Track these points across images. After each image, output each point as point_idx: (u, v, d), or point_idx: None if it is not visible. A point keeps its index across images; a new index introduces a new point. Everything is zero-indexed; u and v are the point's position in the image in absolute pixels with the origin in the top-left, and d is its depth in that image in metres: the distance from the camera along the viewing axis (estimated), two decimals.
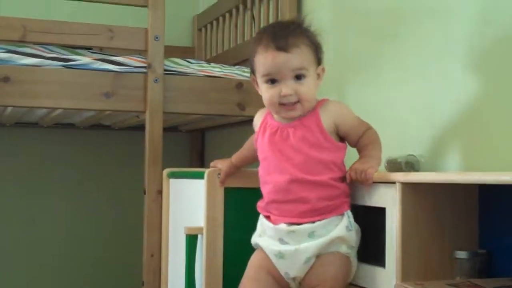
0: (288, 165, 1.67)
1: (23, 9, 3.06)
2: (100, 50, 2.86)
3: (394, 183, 1.56)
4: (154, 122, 2.54)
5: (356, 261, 1.70)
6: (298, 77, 1.66)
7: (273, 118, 1.76)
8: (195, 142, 3.78)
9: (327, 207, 1.66)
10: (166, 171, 2.44)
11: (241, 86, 2.67)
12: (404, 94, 2.08)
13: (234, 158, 2.04)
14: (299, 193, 1.66)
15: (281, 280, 1.71)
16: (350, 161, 1.73)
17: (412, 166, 1.89)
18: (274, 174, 1.70)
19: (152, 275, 2.50)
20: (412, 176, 1.56)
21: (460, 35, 1.84)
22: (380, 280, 1.63)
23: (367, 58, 2.28)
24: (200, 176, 2.08)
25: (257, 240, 1.77)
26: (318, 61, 1.72)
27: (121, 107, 2.54)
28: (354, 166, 1.68)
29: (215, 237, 2.04)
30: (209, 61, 3.20)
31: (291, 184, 1.66)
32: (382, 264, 1.62)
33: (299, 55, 1.66)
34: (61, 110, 2.68)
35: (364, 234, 1.72)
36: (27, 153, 3.52)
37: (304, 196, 1.66)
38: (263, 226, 1.75)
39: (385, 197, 1.61)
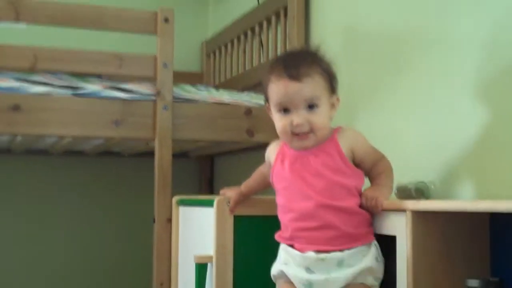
0: (311, 191, 1.66)
1: (33, 38, 3.08)
2: (109, 77, 2.87)
3: (405, 211, 1.55)
4: (163, 150, 2.54)
5: None
6: (311, 107, 1.65)
7: (290, 148, 1.76)
8: (205, 168, 3.78)
9: (354, 235, 1.64)
10: (176, 199, 2.44)
11: (250, 113, 2.67)
12: (414, 122, 2.07)
13: (243, 187, 2.04)
14: (325, 219, 1.64)
15: None
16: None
17: (422, 193, 1.88)
18: (299, 201, 1.68)
19: None
20: (423, 204, 1.55)
21: (469, 64, 1.84)
22: None
23: (377, 86, 2.28)
24: (210, 204, 2.07)
25: (282, 268, 1.71)
26: (332, 90, 1.71)
27: (130, 135, 2.55)
28: (365, 193, 1.68)
29: (225, 266, 2.03)
30: (218, 87, 3.21)
31: (317, 210, 1.64)
32: None
33: (312, 84, 1.65)
34: (71, 138, 2.69)
35: None
36: (37, 181, 3.54)
37: (331, 222, 1.64)
38: (289, 254, 1.70)
39: (396, 225, 1.60)
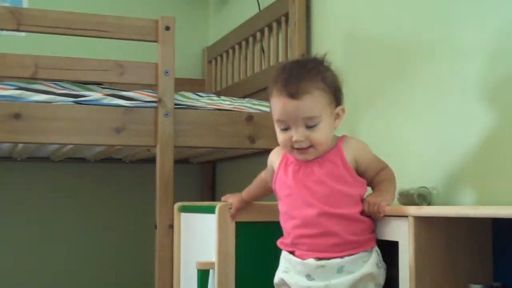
0: (314, 199, 1.66)
1: (34, 46, 3.09)
2: (111, 85, 2.88)
3: (407, 217, 1.55)
4: (165, 157, 2.54)
5: None
6: (310, 125, 1.65)
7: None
8: (206, 174, 3.78)
9: (355, 242, 1.65)
10: (177, 205, 2.44)
11: (251, 119, 2.67)
12: (416, 127, 2.07)
13: (245, 194, 2.04)
14: (328, 227, 1.64)
15: None
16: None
17: (425, 198, 1.88)
18: (301, 209, 1.68)
19: None
20: (425, 210, 1.55)
21: (472, 71, 1.84)
22: None
23: (378, 92, 2.28)
24: (212, 211, 2.07)
25: (283, 276, 1.72)
26: (337, 101, 1.70)
27: (132, 142, 2.55)
28: (368, 199, 1.68)
29: (227, 272, 2.03)
30: (219, 94, 3.21)
31: (320, 218, 1.65)
32: None
33: (310, 103, 1.63)
34: (72, 145, 2.69)
35: None
36: (39, 187, 3.54)
37: (332, 229, 1.64)
38: (289, 262, 1.71)
39: (398, 231, 1.60)
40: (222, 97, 2.88)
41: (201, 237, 2.22)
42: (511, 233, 1.57)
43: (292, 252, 1.71)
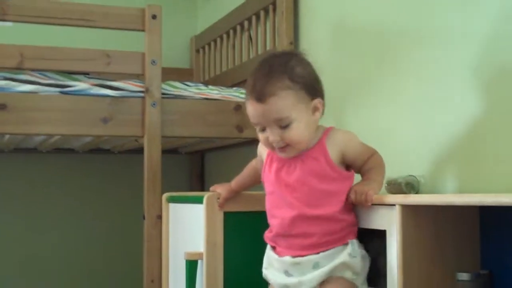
0: (294, 200, 1.66)
1: (20, 36, 3.06)
2: (97, 75, 2.86)
3: (394, 205, 1.55)
4: (153, 147, 2.53)
5: None
6: (282, 126, 1.63)
7: None
8: (195, 164, 3.77)
9: (331, 241, 1.66)
10: (166, 196, 2.43)
11: (239, 108, 2.66)
12: (403, 116, 2.07)
13: (234, 183, 2.03)
14: (304, 229, 1.65)
15: None
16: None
17: (412, 187, 1.88)
18: (282, 208, 1.69)
19: None
20: (412, 198, 1.55)
21: (459, 59, 1.84)
22: None
23: (366, 81, 2.27)
24: (200, 201, 2.07)
25: (265, 273, 1.76)
26: (313, 95, 1.66)
27: (119, 132, 2.54)
28: (355, 188, 1.67)
29: (215, 262, 2.03)
30: (208, 83, 3.20)
31: (298, 220, 1.66)
32: (383, 287, 1.60)
33: (277, 105, 1.61)
34: (60, 136, 2.68)
35: None
36: (26, 178, 3.52)
37: (309, 231, 1.65)
38: (269, 258, 1.75)
39: (385, 219, 1.60)
40: (210, 87, 2.87)
41: (190, 228, 2.21)
42: (498, 221, 1.57)
43: (274, 248, 1.74)
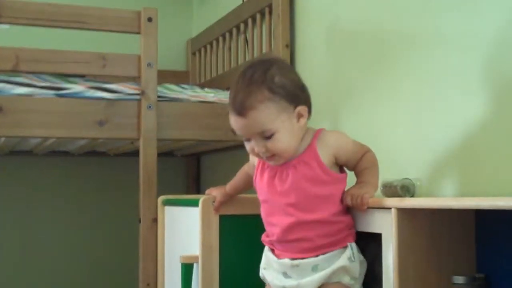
0: (290, 207, 1.66)
1: (15, 38, 3.06)
2: (93, 78, 2.85)
3: (390, 209, 1.55)
4: (148, 150, 2.52)
5: None
6: (265, 136, 1.62)
7: None
8: (191, 167, 3.77)
9: (330, 243, 1.66)
10: (161, 199, 2.42)
11: None
12: (399, 119, 2.07)
13: (228, 187, 2.03)
14: (302, 234, 1.66)
15: None
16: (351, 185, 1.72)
17: (408, 190, 1.87)
18: (277, 216, 1.69)
19: None
20: (408, 202, 1.55)
21: (456, 61, 1.83)
22: None
23: (362, 83, 2.27)
24: (195, 204, 2.06)
25: (263, 273, 1.76)
26: (296, 102, 1.64)
27: (115, 135, 2.53)
28: (351, 191, 1.67)
29: (211, 265, 2.02)
30: (203, 85, 3.19)
31: (294, 227, 1.66)
32: None
33: (258, 118, 1.60)
34: (55, 139, 2.67)
35: None
36: (22, 181, 3.51)
37: (307, 236, 1.65)
38: (268, 259, 1.75)
39: (381, 223, 1.60)
40: (206, 89, 2.87)
41: (185, 231, 2.21)
42: (494, 225, 1.57)
43: (272, 250, 1.74)
